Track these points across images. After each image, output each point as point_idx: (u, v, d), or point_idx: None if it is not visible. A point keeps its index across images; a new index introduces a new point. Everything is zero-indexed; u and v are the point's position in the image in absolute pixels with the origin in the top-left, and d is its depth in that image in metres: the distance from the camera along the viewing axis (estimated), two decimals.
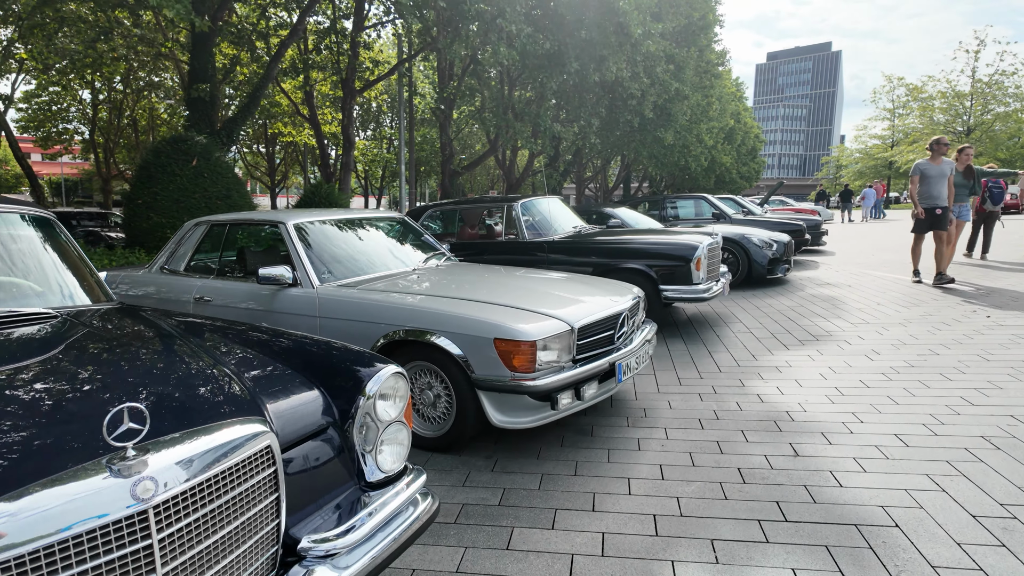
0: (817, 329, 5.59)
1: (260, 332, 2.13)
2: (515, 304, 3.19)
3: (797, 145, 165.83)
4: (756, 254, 7.95)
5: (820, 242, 12.62)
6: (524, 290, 3.50)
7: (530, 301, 3.27)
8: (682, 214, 11.67)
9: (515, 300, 3.27)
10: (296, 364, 1.87)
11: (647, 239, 5.74)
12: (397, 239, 4.58)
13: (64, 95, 26.72)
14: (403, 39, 18.92)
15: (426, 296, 3.34)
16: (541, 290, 3.52)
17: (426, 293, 3.40)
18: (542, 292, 3.48)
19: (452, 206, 6.65)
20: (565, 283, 3.81)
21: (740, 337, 5.44)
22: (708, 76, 25.95)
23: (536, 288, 3.56)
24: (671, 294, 5.44)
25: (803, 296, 7.31)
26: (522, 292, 3.45)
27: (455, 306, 3.16)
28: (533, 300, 3.30)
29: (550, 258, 5.91)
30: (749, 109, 48.14)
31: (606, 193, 39.83)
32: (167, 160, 10.95)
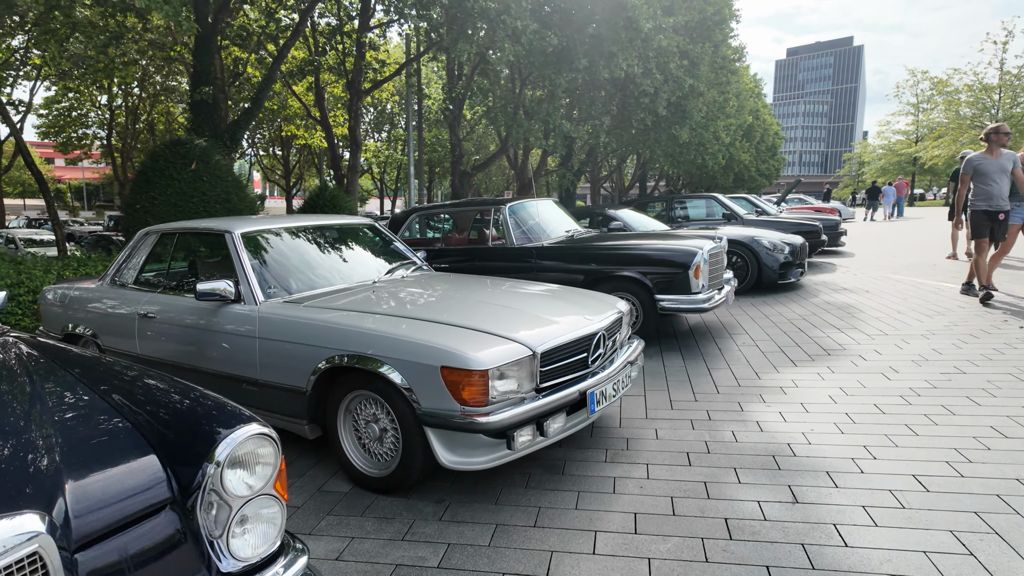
0: (829, 342, 5.11)
1: (122, 373, 1.76)
2: (472, 325, 2.80)
3: (818, 142, 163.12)
4: (766, 258, 7.46)
5: (838, 243, 12.02)
6: (489, 307, 3.10)
7: (491, 320, 2.87)
8: (692, 215, 11.18)
9: (474, 319, 2.87)
10: (141, 419, 1.49)
11: (642, 244, 5.31)
12: (363, 248, 4.21)
13: (83, 100, 26.97)
14: (411, 39, 18.64)
15: (374, 315, 2.96)
16: (508, 306, 3.12)
17: (375, 311, 3.01)
18: (509, 309, 3.08)
19: (438, 209, 6.27)
20: (539, 298, 3.40)
21: (744, 351, 4.98)
22: (724, 72, 25.33)
23: (504, 304, 3.16)
24: (668, 304, 5.00)
25: (816, 303, 6.81)
26: (485, 309, 3.05)
27: (402, 327, 2.77)
28: (495, 319, 2.90)
29: (539, 265, 5.50)
30: (768, 106, 47.30)
31: (621, 192, 39.31)
32: (165, 164, 10.75)
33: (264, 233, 3.79)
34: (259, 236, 3.76)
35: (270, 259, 3.65)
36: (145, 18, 15.37)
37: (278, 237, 3.85)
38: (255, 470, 1.44)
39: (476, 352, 2.54)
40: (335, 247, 4.03)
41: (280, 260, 3.69)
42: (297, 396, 3.03)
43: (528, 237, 5.77)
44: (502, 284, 3.73)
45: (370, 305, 3.13)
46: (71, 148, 29.81)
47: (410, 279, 3.82)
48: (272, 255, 3.70)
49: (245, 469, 1.42)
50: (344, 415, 2.98)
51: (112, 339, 4.11)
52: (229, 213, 11.07)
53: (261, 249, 3.70)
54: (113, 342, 4.10)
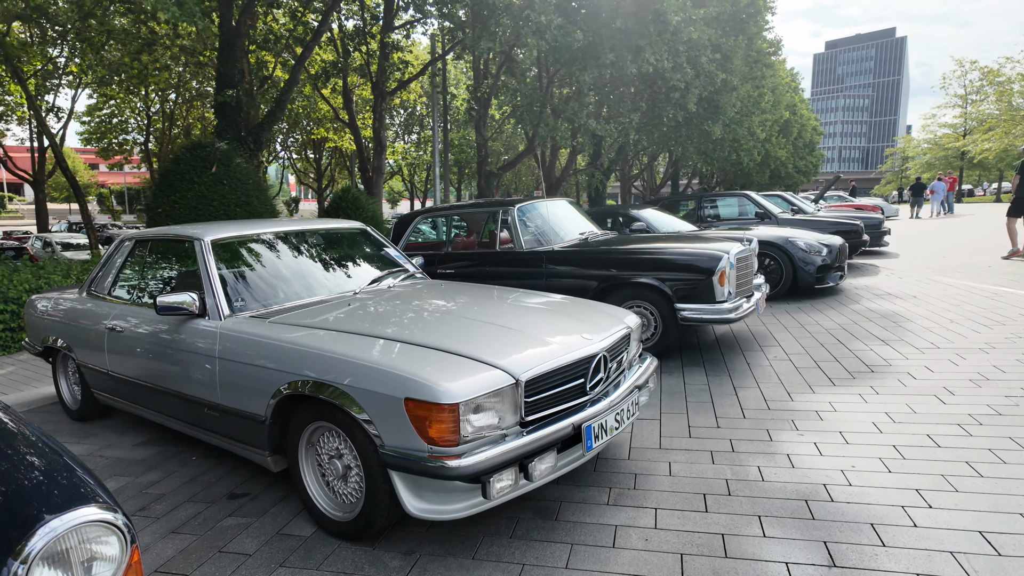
0: (873, 357, 4.57)
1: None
2: (449, 346, 2.41)
3: (859, 137, 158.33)
4: (802, 260, 6.90)
5: (881, 243, 11.28)
6: (473, 324, 2.71)
7: (472, 341, 2.48)
8: (723, 214, 10.59)
9: (453, 340, 2.48)
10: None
11: (662, 247, 4.84)
12: (350, 255, 3.86)
13: (123, 107, 27.60)
14: (435, 38, 18.41)
15: (339, 334, 2.59)
16: (496, 323, 2.72)
17: (343, 329, 2.65)
18: (495, 327, 2.68)
19: (445, 212, 5.91)
20: (534, 312, 2.99)
21: (776, 367, 4.48)
22: (759, 66, 24.55)
23: (491, 320, 2.76)
24: (689, 314, 4.53)
25: (857, 311, 6.23)
26: (468, 327, 2.66)
27: (366, 349, 2.40)
28: (477, 340, 2.50)
29: (549, 271, 5.09)
30: (806, 101, 45.93)
31: (653, 191, 38.54)
32: (186, 167, 10.69)
33: (238, 240, 3.47)
34: (232, 244, 3.44)
35: (242, 269, 3.33)
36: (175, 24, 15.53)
37: (254, 244, 3.52)
38: (86, 570, 1.08)
39: (447, 381, 2.15)
40: (318, 254, 3.69)
41: (253, 270, 3.36)
42: (257, 424, 2.69)
43: (539, 240, 5.36)
44: (496, 295, 3.33)
45: (340, 322, 2.76)
46: (112, 154, 30.56)
47: (396, 290, 3.45)
48: (244, 264, 3.37)
49: (65, 570, 1.06)
50: (306, 448, 2.62)
51: (85, 354, 3.85)
52: (249, 216, 10.92)
53: (233, 258, 3.38)
54: (86, 357, 3.84)
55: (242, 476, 3.15)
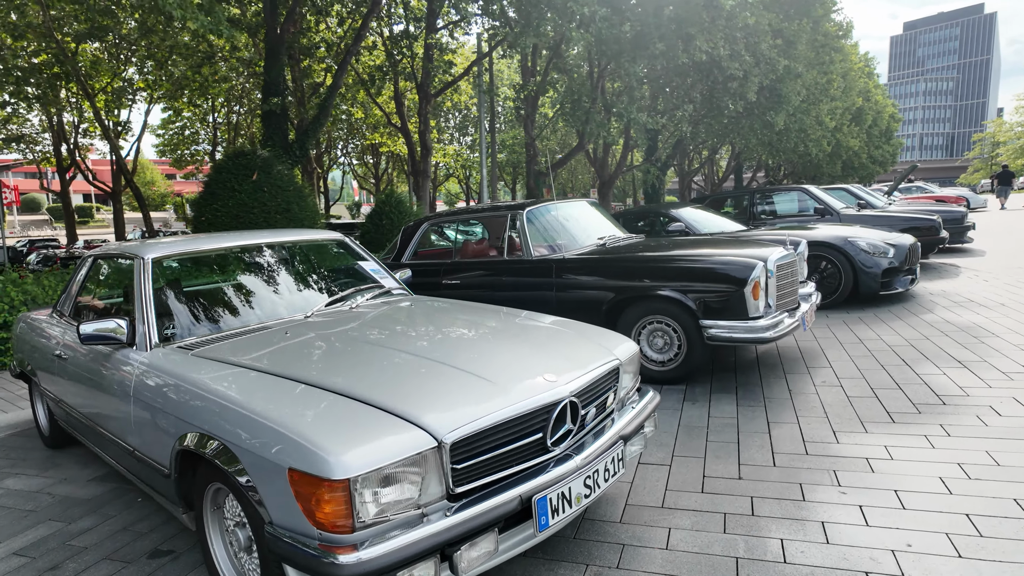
0: (946, 384, 3.79)
1: None
2: (365, 396, 1.92)
3: (942, 123, 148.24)
4: (864, 263, 6.05)
5: (963, 239, 10.06)
6: (417, 362, 2.20)
7: (402, 387, 1.98)
8: (779, 210, 9.66)
9: (379, 385, 2.00)
10: None
11: (687, 254, 4.20)
12: (315, 271, 3.44)
13: (194, 120, 28.82)
14: (481, 37, 18.09)
15: (255, 375, 2.15)
16: (447, 360, 2.21)
17: (261, 368, 2.21)
18: (444, 365, 2.16)
19: (453, 217, 5.44)
20: (503, 343, 2.46)
21: (823, 395, 3.77)
22: (826, 50, 23.04)
23: (442, 357, 2.25)
24: (717, 332, 3.88)
25: (930, 323, 5.36)
26: (407, 367, 2.16)
27: (266, 397, 1.94)
28: (409, 384, 2.01)
29: (559, 282, 4.53)
30: (881, 86, 43.21)
31: (714, 186, 37.07)
32: (227, 176, 10.78)
33: (185, 258, 3.10)
34: (178, 262, 3.08)
35: (184, 291, 2.95)
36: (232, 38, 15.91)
37: (204, 263, 3.15)
38: None
39: (340, 448, 1.66)
40: (278, 272, 3.28)
41: (197, 292, 2.98)
42: (165, 477, 2.29)
43: (551, 247, 4.80)
44: (466, 320, 2.82)
45: (262, 358, 2.32)
46: (184, 164, 31.97)
47: (356, 312, 2.99)
48: (189, 286, 3.00)
49: None
50: (211, 510, 2.20)
51: (43, 378, 3.60)
52: (289, 223, 10.91)
53: (177, 278, 3.01)
54: (45, 382, 3.58)
55: (175, 528, 2.76)
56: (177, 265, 3.10)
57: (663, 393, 4.02)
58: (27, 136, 25.34)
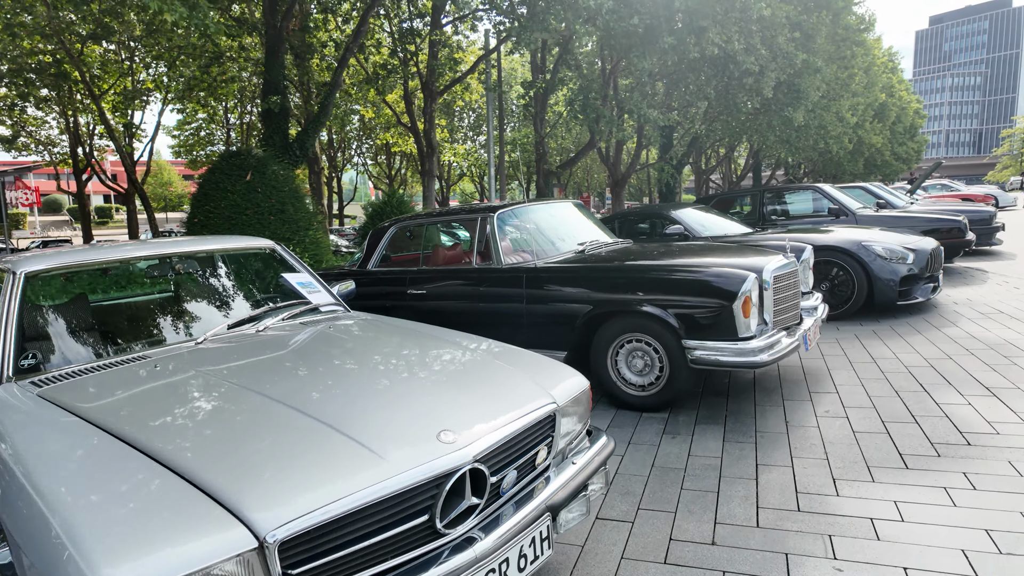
0: (970, 417, 3.24)
1: None
2: (197, 473, 1.45)
3: (970, 119, 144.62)
4: (880, 270, 5.47)
5: (992, 241, 9.38)
6: (283, 415, 1.73)
7: (242, 454, 1.52)
8: (792, 210, 9.06)
9: (229, 453, 1.53)
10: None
11: (671, 264, 3.69)
12: (226, 286, 2.99)
13: (208, 121, 28.81)
14: (489, 33, 17.66)
15: (81, 432, 1.70)
16: (319, 416, 1.72)
17: (95, 421, 1.75)
18: (315, 422, 1.69)
19: (422, 220, 4.97)
20: (407, 386, 1.98)
21: (824, 428, 3.24)
22: (847, 44, 22.28)
23: (332, 405, 1.78)
24: (701, 354, 3.37)
25: (953, 338, 4.79)
26: (265, 422, 1.69)
27: (79, 477, 1.49)
28: (266, 451, 1.54)
29: (529, 294, 4.04)
30: (905, 82, 42.05)
31: (732, 184, 36.31)
32: (221, 177, 10.53)
33: (69, 271, 2.66)
34: (60, 276, 2.65)
35: (55, 312, 2.52)
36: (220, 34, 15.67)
37: (92, 277, 2.72)
38: None
39: (113, 558, 1.20)
40: (180, 288, 2.84)
41: (76, 313, 2.55)
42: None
43: (524, 254, 4.32)
44: (378, 351, 2.34)
45: (113, 405, 1.87)
46: (199, 165, 32.08)
47: (260, 337, 2.53)
48: (60, 306, 2.57)
49: None
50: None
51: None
52: (284, 224, 10.61)
53: (50, 297, 2.58)
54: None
55: None
56: (61, 280, 2.68)
57: (641, 423, 3.51)
58: (46, 138, 25.52)
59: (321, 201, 23.22)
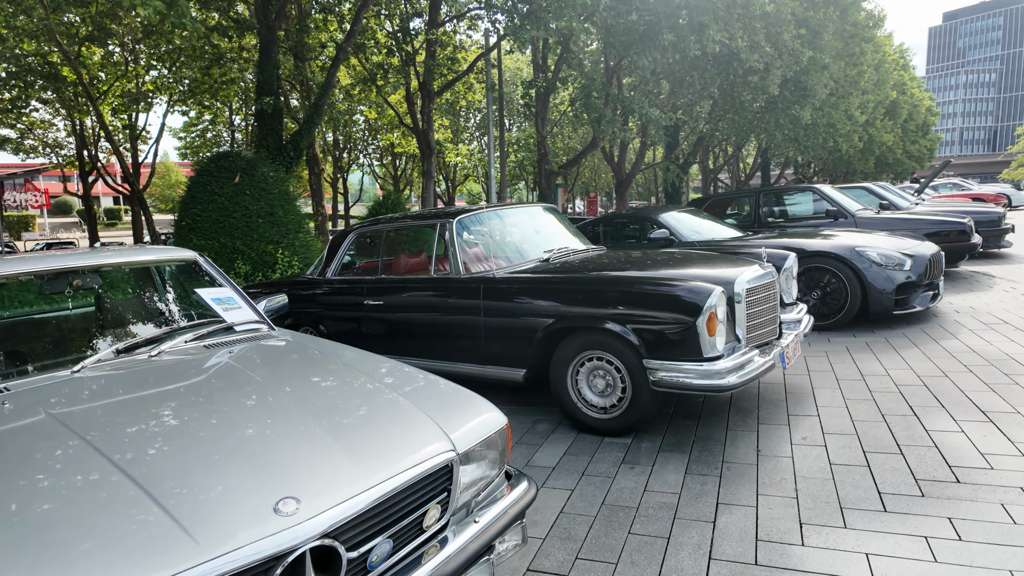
0: (962, 449, 2.91)
1: None
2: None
3: (984, 116, 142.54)
4: (875, 278, 5.12)
5: (1000, 243, 8.96)
6: (119, 484, 1.45)
7: (49, 548, 1.24)
8: (789, 212, 8.70)
9: (25, 536, 1.25)
10: None
11: (633, 276, 3.37)
12: (131, 304, 2.72)
13: (216, 122, 28.78)
14: (488, 32, 17.38)
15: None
16: (165, 478, 1.44)
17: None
18: (151, 491, 1.40)
19: (382, 226, 4.69)
20: (276, 434, 1.69)
21: (799, 460, 2.92)
22: (856, 41, 21.83)
23: (169, 467, 1.49)
24: (664, 376, 3.05)
25: (951, 354, 4.44)
26: (102, 493, 1.41)
27: None
28: (61, 538, 1.26)
29: (487, 306, 3.74)
30: (918, 79, 41.39)
31: (739, 184, 35.89)
32: (209, 179, 10.35)
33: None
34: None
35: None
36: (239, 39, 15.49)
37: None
38: None
39: None
40: (77, 306, 2.57)
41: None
42: None
43: (485, 263, 4.02)
44: (263, 387, 2.04)
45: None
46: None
47: (147, 366, 2.25)
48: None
49: None
50: None
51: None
52: (273, 227, 10.41)
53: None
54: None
55: None
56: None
57: (600, 450, 3.21)
58: (53, 140, 25.60)
59: (322, 202, 23.08)
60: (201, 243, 9.75)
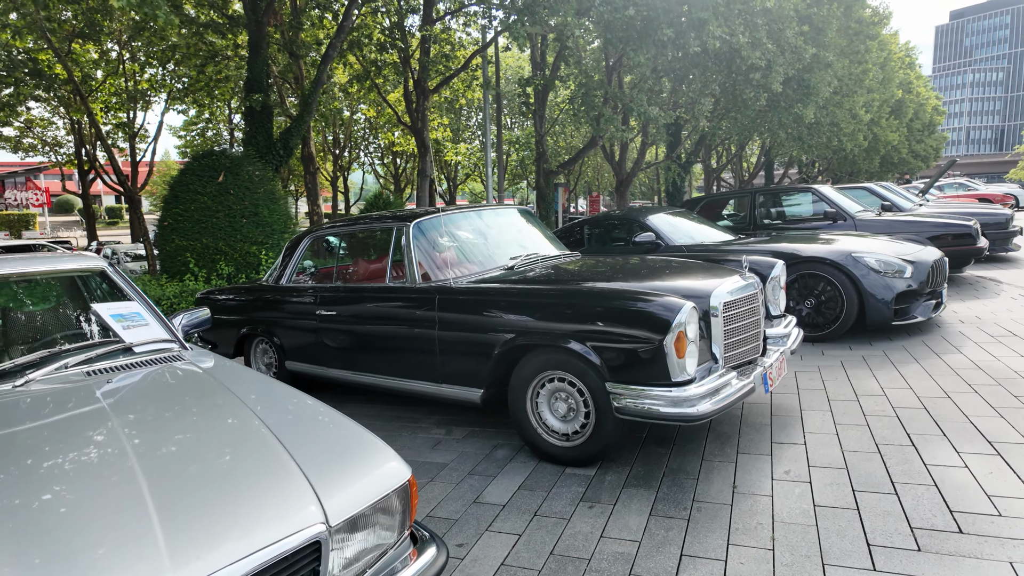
0: (966, 489, 2.55)
1: None
2: None
3: (991, 115, 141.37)
4: (872, 286, 4.76)
5: (1008, 247, 8.57)
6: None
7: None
8: (787, 213, 8.33)
9: None
10: None
11: (597, 289, 3.03)
12: (24, 320, 2.40)
13: (216, 121, 28.52)
14: (485, 28, 17.07)
15: None
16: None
17: None
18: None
19: (338, 230, 4.35)
20: (98, 511, 1.37)
21: (779, 499, 2.58)
22: (861, 38, 21.43)
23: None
24: (628, 402, 2.71)
25: (954, 370, 4.08)
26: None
27: None
28: None
29: (442, 319, 3.40)
30: (924, 78, 40.89)
31: (742, 183, 35.53)
32: (192, 178, 10.09)
33: None
34: None
35: None
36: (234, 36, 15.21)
37: None
38: None
39: None
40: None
41: None
42: None
43: (443, 271, 3.67)
44: (126, 438, 1.71)
45: None
46: None
47: (10, 397, 1.92)
48: None
49: None
50: None
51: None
52: (257, 227, 10.13)
53: None
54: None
55: None
56: None
57: (559, 483, 2.86)
58: (52, 139, 25.43)
59: (317, 201, 22.77)
60: (183, 243, 9.51)
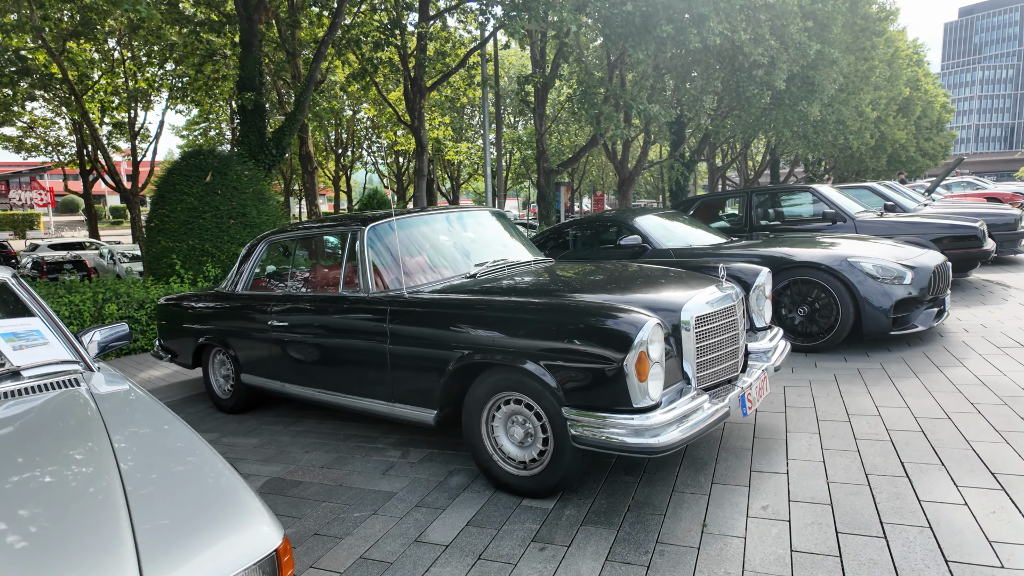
0: (964, 531, 2.26)
1: None
2: None
3: (1001, 113, 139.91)
4: (869, 293, 4.45)
5: (1016, 249, 8.22)
6: None
7: None
8: (786, 214, 8.00)
9: None
10: None
11: (553, 303, 2.74)
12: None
13: (218, 120, 28.38)
14: (483, 25, 16.79)
15: None
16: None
17: None
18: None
19: (292, 235, 4.08)
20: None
21: (753, 539, 2.28)
22: (867, 35, 21.05)
23: None
24: (585, 432, 2.42)
25: (956, 387, 3.77)
26: None
27: None
28: None
29: (393, 331, 3.12)
30: (932, 75, 40.37)
31: (747, 182, 35.19)
32: (179, 178, 9.90)
33: None
34: None
35: None
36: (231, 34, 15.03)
37: None
38: None
39: None
40: None
41: None
42: None
43: (400, 280, 3.39)
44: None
45: None
46: None
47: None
48: None
49: None
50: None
51: None
52: (245, 228, 9.91)
53: None
54: None
55: None
56: None
57: (512, 518, 2.58)
58: (55, 139, 25.37)
59: (315, 201, 22.55)
60: (169, 245, 9.32)
